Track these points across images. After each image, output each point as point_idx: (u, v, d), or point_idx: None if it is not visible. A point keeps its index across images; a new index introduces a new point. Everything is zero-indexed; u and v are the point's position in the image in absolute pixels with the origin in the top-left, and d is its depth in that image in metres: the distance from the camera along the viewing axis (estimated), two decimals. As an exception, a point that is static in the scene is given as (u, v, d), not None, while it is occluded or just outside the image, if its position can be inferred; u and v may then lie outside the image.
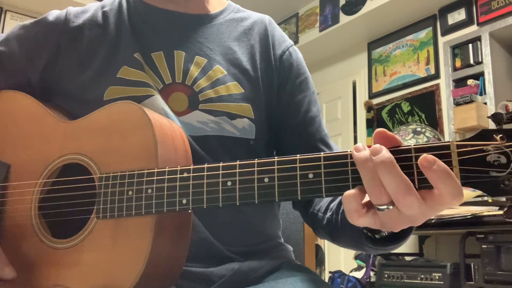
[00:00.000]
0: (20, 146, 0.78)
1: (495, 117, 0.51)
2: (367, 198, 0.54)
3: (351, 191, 0.54)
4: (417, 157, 0.52)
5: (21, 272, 0.72)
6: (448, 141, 0.52)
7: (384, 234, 0.66)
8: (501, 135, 0.50)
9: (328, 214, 0.80)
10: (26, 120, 0.80)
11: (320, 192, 0.56)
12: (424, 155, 0.50)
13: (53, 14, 0.88)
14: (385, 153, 0.51)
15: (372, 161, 0.52)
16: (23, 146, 0.78)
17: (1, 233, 0.75)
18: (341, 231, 0.75)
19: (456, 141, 0.51)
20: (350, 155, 0.55)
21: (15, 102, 0.82)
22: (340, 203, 0.77)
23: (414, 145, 0.53)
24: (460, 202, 0.51)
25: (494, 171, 0.50)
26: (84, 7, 0.91)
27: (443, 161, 0.50)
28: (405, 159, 0.53)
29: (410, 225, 0.57)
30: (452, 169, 0.51)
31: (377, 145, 0.52)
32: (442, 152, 0.52)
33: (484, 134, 0.51)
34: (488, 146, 0.50)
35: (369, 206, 0.55)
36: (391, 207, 0.53)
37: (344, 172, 0.55)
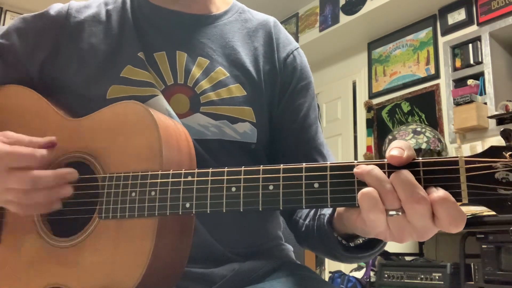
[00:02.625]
0: None
1: (504, 133, 0.50)
2: None
3: (368, 188, 0.53)
4: (425, 172, 0.52)
5: (21, 270, 0.72)
6: (457, 157, 0.51)
7: (358, 242, 0.67)
8: (510, 153, 0.50)
9: (307, 220, 0.79)
10: (31, 116, 0.79)
11: (325, 201, 0.56)
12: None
13: (54, 8, 0.87)
14: (405, 172, 0.52)
15: (378, 170, 0.53)
16: None
17: (3, 230, 0.75)
18: (317, 237, 0.75)
19: (465, 157, 0.51)
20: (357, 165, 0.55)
21: (21, 97, 0.82)
22: (316, 210, 0.77)
23: (422, 159, 0.53)
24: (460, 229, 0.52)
25: (502, 189, 0.49)
26: (86, 2, 0.90)
27: (451, 177, 0.51)
28: (413, 173, 0.53)
29: (416, 239, 0.57)
30: (460, 185, 0.51)
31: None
32: (450, 167, 0.51)
33: (493, 151, 0.51)
34: (497, 163, 0.50)
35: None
36: (400, 213, 0.52)
37: (350, 183, 0.55)
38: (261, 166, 0.60)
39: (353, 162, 0.56)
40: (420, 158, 0.53)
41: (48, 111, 0.79)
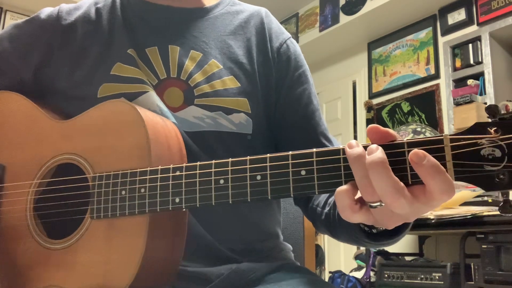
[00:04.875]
0: (15, 147, 0.78)
1: (490, 109, 0.49)
2: (359, 194, 0.53)
3: (343, 187, 0.53)
4: (410, 152, 0.50)
5: (16, 273, 0.72)
6: (442, 135, 0.50)
7: (380, 229, 0.65)
8: (495, 128, 0.49)
9: (326, 209, 0.79)
10: (20, 120, 0.80)
11: (313, 189, 0.55)
12: (415, 150, 0.49)
13: (45, 12, 0.88)
14: (378, 154, 0.50)
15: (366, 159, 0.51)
16: (17, 147, 0.78)
17: None
18: (338, 226, 0.75)
19: (450, 135, 0.50)
20: (343, 150, 0.54)
21: (9, 102, 0.82)
22: None
23: (407, 140, 0.52)
24: (451, 197, 0.50)
25: (488, 165, 0.48)
26: (77, 3, 0.90)
27: (436, 156, 0.49)
28: (398, 154, 0.52)
29: (404, 222, 0.57)
30: (445, 163, 0.50)
31: (374, 146, 0.51)
32: (435, 146, 0.50)
33: (479, 127, 0.50)
34: (482, 140, 0.49)
35: (362, 202, 0.54)
36: (383, 204, 0.52)
37: (336, 168, 0.54)
38: (248, 156, 0.59)
39: (339, 147, 0.55)
40: (405, 139, 0.52)
41: (37, 115, 0.79)
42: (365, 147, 0.52)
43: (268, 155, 0.58)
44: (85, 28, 0.86)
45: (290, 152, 0.57)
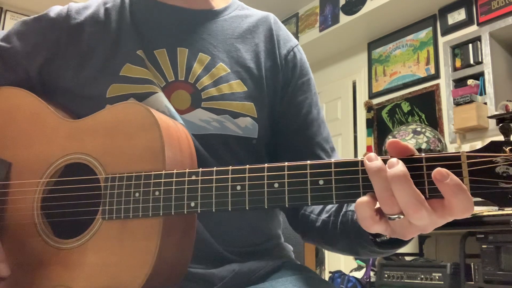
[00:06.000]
0: (22, 144, 0.77)
1: (503, 128, 0.52)
2: (379, 205, 0.55)
3: (364, 199, 0.54)
4: (428, 167, 0.53)
5: (24, 272, 0.71)
6: (459, 152, 0.53)
7: (385, 238, 0.67)
8: (510, 147, 0.51)
9: (324, 216, 0.79)
10: (28, 118, 0.79)
11: (330, 198, 0.56)
12: (438, 168, 0.51)
13: (54, 10, 0.88)
14: (400, 167, 0.52)
15: (386, 172, 0.53)
16: (24, 145, 0.77)
17: (3, 232, 0.74)
18: (340, 234, 0.75)
19: (467, 152, 0.52)
20: (361, 162, 0.56)
21: (17, 99, 0.81)
22: (340, 206, 0.77)
23: (425, 155, 0.54)
24: (470, 214, 0.52)
25: (502, 182, 0.51)
26: (86, 3, 0.90)
27: (453, 172, 0.51)
28: (416, 168, 0.54)
29: (420, 233, 0.58)
30: (462, 179, 0.52)
31: (394, 159, 0.53)
32: (452, 162, 0.53)
33: (494, 146, 0.52)
34: (497, 158, 0.51)
35: (381, 213, 0.55)
36: (402, 216, 0.53)
37: (355, 180, 0.56)
38: (266, 164, 0.60)
39: (358, 159, 0.56)
40: (423, 154, 0.54)
41: (46, 112, 0.78)
42: (384, 160, 0.54)
43: (286, 163, 0.59)
44: (93, 28, 0.86)
45: (309, 162, 0.58)
